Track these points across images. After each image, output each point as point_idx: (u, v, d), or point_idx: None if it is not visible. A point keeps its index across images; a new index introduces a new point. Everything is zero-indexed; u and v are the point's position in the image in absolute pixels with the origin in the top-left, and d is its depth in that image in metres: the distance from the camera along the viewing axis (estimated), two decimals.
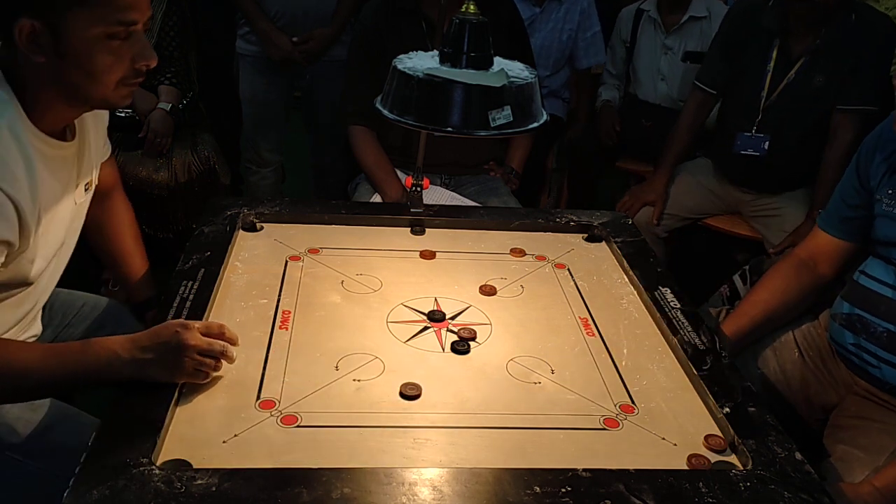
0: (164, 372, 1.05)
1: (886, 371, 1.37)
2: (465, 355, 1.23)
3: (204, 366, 1.06)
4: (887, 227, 1.40)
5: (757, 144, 2.26)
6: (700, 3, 2.78)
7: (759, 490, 0.95)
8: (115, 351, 1.05)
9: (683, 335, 1.28)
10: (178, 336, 1.05)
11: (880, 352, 1.38)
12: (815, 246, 1.58)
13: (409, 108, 1.22)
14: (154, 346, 1.05)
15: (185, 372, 1.05)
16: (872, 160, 1.46)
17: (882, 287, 1.39)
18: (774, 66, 2.19)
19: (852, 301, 1.44)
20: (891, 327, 1.36)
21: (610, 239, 1.63)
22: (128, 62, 1.11)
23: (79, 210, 1.28)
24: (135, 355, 1.04)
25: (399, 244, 1.59)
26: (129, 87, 1.15)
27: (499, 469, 0.96)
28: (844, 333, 1.44)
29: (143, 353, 1.04)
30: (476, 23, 1.21)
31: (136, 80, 1.14)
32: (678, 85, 2.81)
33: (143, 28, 1.11)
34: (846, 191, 1.53)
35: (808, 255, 1.58)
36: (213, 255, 1.41)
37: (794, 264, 1.59)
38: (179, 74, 2.46)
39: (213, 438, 1.00)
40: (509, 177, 2.31)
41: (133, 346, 1.05)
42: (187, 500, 0.87)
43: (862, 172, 1.48)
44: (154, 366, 1.04)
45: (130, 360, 1.04)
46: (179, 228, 2.47)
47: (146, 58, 1.12)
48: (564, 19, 2.89)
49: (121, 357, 1.04)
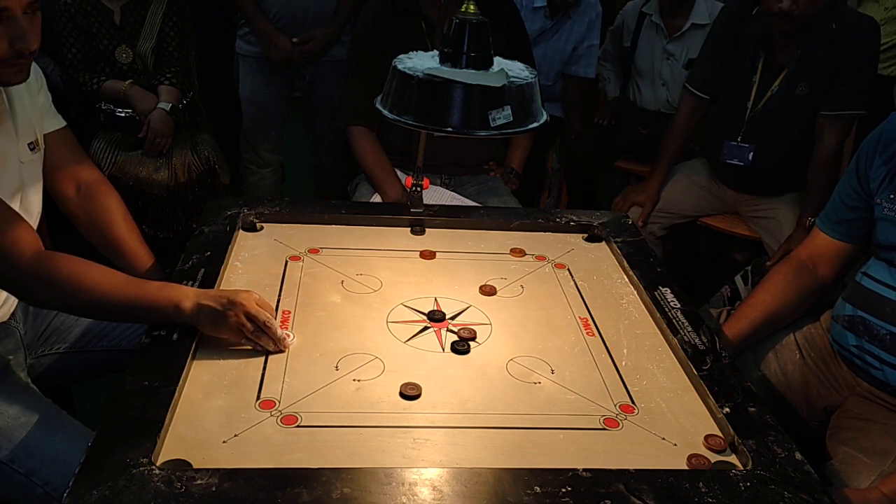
0: (212, 322, 1.15)
1: (889, 373, 1.37)
2: (465, 355, 1.23)
3: (244, 327, 1.14)
4: (889, 232, 1.40)
5: (742, 154, 2.28)
6: (702, 10, 2.77)
7: (759, 490, 0.95)
8: (187, 294, 1.17)
9: (683, 335, 1.28)
10: (236, 293, 1.17)
11: (883, 354, 1.37)
12: (815, 248, 1.58)
13: (409, 108, 1.22)
14: (214, 298, 1.16)
15: (227, 325, 1.14)
16: (872, 162, 1.45)
17: (884, 289, 1.39)
18: (760, 78, 2.21)
19: (854, 303, 1.44)
20: (893, 329, 1.36)
21: (610, 239, 1.63)
22: (5, 44, 1.17)
23: (28, 169, 1.34)
24: (199, 300, 1.16)
25: (399, 244, 1.59)
26: (13, 67, 1.20)
27: (499, 469, 0.96)
28: (847, 335, 1.44)
29: (205, 300, 1.16)
30: (476, 23, 1.21)
31: (19, 60, 1.20)
32: (679, 92, 2.82)
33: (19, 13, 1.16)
34: (845, 192, 1.52)
35: (807, 257, 1.58)
36: (213, 255, 1.41)
37: (794, 266, 1.58)
38: (179, 74, 2.46)
39: (213, 438, 1.00)
40: (509, 177, 2.31)
41: (201, 295, 1.17)
42: (187, 500, 0.87)
43: (861, 174, 1.47)
44: (208, 315, 1.15)
45: (193, 305, 1.15)
46: (179, 228, 2.48)
47: (24, 42, 1.18)
48: (571, 30, 2.90)
49: (187, 300, 1.16)
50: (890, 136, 1.42)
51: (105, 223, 1.51)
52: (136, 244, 1.52)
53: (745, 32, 2.22)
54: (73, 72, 2.36)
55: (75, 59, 2.36)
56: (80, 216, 1.51)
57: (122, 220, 1.53)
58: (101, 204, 1.52)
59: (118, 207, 1.53)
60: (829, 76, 2.12)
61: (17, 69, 1.22)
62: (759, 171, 2.28)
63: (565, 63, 2.94)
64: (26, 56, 1.20)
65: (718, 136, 2.35)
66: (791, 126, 2.22)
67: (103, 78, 2.37)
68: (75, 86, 2.38)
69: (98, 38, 2.35)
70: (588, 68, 2.98)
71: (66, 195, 1.49)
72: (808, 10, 1.99)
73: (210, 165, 2.53)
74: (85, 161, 1.54)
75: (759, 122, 2.24)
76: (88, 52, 2.37)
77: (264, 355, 1.17)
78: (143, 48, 2.38)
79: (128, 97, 2.37)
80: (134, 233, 1.54)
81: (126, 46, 2.38)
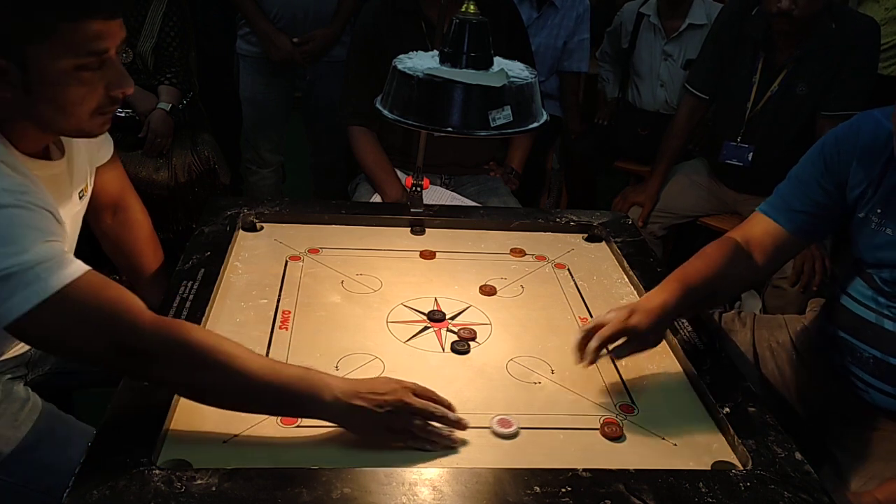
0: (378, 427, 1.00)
1: (875, 396, 1.32)
2: (465, 355, 1.23)
3: (432, 434, 1.00)
4: (877, 250, 1.29)
5: (741, 155, 2.29)
6: (700, 10, 2.77)
7: (759, 490, 0.95)
8: (331, 387, 0.99)
9: (683, 335, 1.28)
10: (399, 395, 1.00)
11: (867, 377, 1.32)
12: (754, 233, 1.38)
13: (409, 108, 1.22)
14: (370, 397, 0.99)
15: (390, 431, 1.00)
16: (849, 166, 1.31)
17: (866, 311, 1.32)
18: (760, 78, 2.21)
19: (837, 324, 1.38)
20: (877, 353, 1.30)
21: (610, 239, 1.64)
22: (102, 91, 1.04)
23: (75, 219, 1.26)
24: (350, 401, 0.99)
25: (399, 244, 1.59)
26: (106, 116, 1.08)
27: (499, 469, 0.96)
28: (831, 354, 1.40)
29: (359, 400, 0.99)
30: (476, 23, 1.21)
31: (112, 108, 1.08)
32: (678, 92, 2.82)
33: (115, 54, 1.03)
34: (808, 184, 1.35)
35: (743, 241, 1.37)
36: (213, 255, 1.41)
37: (730, 246, 1.36)
38: (179, 74, 2.46)
39: (213, 438, 1.00)
40: (509, 177, 2.31)
41: (350, 391, 0.99)
42: (187, 500, 0.87)
43: (833, 172, 1.32)
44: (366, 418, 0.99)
45: (343, 403, 0.99)
46: (179, 228, 2.47)
47: (122, 86, 1.05)
48: (560, 25, 2.88)
49: (334, 396, 0.99)
50: (867, 139, 1.29)
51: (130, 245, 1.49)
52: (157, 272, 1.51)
53: (744, 32, 2.22)
54: None
55: None
56: (110, 238, 1.47)
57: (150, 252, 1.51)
58: (126, 223, 1.48)
59: (148, 239, 1.50)
60: (828, 76, 2.12)
61: (107, 119, 1.09)
62: (759, 171, 2.28)
63: (558, 59, 2.94)
64: (119, 101, 1.07)
65: (718, 137, 2.35)
66: (791, 126, 2.22)
67: None
68: None
69: None
70: (581, 63, 2.96)
71: (103, 220, 1.45)
72: (807, 9, 1.99)
73: (210, 165, 2.52)
74: (127, 186, 1.48)
75: (759, 122, 2.25)
76: None
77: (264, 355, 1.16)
78: (143, 48, 2.38)
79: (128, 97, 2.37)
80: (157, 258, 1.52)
81: (126, 46, 2.37)
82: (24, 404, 1.21)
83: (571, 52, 2.93)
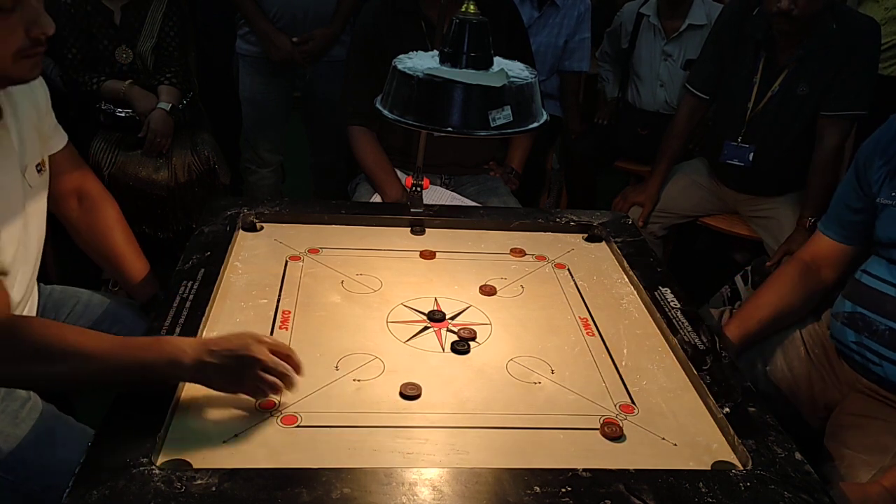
0: (224, 380, 1.04)
1: (889, 368, 1.37)
2: (465, 355, 1.23)
3: (264, 383, 1.03)
4: (890, 229, 1.40)
5: (742, 155, 2.29)
6: (699, 11, 2.77)
7: (759, 490, 0.95)
8: (183, 350, 1.02)
9: (683, 335, 1.28)
10: (247, 347, 1.03)
11: (883, 349, 1.38)
12: (818, 250, 1.58)
13: (409, 108, 1.22)
14: (221, 352, 1.03)
15: (245, 385, 1.04)
16: (872, 165, 1.45)
17: (884, 285, 1.39)
18: (760, 78, 2.21)
19: (854, 299, 1.44)
20: (893, 325, 1.36)
21: (610, 239, 1.64)
22: (21, 33, 1.04)
23: (36, 193, 1.26)
24: (201, 357, 1.02)
25: (399, 244, 1.59)
26: (33, 59, 1.08)
27: (499, 469, 0.96)
28: (846, 331, 1.44)
29: (209, 356, 1.02)
30: (476, 23, 1.21)
31: (36, 50, 1.08)
32: (678, 92, 2.82)
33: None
34: (847, 195, 1.53)
35: (811, 259, 1.58)
36: (213, 255, 1.41)
37: (798, 268, 1.58)
38: (179, 74, 2.46)
39: (213, 438, 1.00)
40: (509, 177, 2.31)
41: (201, 349, 1.03)
42: (187, 500, 0.87)
43: (862, 179, 1.48)
44: (217, 372, 1.02)
45: (196, 361, 1.02)
46: (179, 228, 2.48)
47: (41, 25, 1.05)
48: (561, 24, 2.88)
49: (187, 357, 1.02)
50: (889, 136, 1.42)
51: (104, 236, 1.50)
52: (133, 257, 1.51)
53: (745, 32, 2.22)
54: (73, 72, 2.36)
55: (75, 60, 2.36)
56: (80, 228, 1.49)
57: (121, 234, 1.51)
58: (100, 217, 1.50)
59: (117, 220, 1.51)
60: (829, 76, 2.12)
61: (34, 62, 1.09)
62: (760, 171, 2.29)
63: (559, 58, 2.94)
64: (43, 43, 1.07)
65: (719, 137, 2.35)
66: (791, 126, 2.22)
67: (103, 78, 2.36)
68: (75, 86, 2.38)
69: (98, 38, 2.35)
70: (581, 62, 2.97)
71: (68, 208, 1.47)
72: (807, 9, 1.99)
73: (210, 165, 2.53)
74: (87, 173, 1.51)
75: (760, 122, 2.25)
76: (88, 52, 2.36)
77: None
78: (143, 48, 2.38)
79: (128, 97, 2.37)
80: (131, 245, 1.52)
81: (126, 46, 2.37)
82: (25, 403, 1.21)
83: (572, 51, 2.93)
